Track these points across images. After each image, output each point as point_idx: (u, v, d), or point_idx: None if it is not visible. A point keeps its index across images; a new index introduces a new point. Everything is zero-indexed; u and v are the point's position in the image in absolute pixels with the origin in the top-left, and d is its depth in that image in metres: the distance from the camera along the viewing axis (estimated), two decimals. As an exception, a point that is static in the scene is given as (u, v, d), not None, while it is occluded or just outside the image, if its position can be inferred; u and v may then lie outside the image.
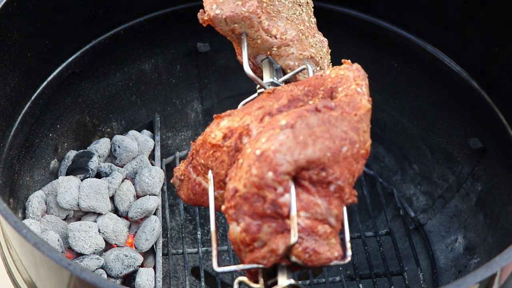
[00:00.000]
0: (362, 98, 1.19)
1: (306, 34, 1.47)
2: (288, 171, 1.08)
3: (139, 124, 2.09)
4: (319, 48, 1.50)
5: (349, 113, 1.14)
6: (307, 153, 1.08)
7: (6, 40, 1.63)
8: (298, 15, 1.49)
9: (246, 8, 1.36)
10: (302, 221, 1.08)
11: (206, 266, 2.03)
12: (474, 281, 1.07)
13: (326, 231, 1.10)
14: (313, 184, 1.09)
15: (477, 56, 1.81)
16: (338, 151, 1.09)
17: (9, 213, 1.17)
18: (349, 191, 1.12)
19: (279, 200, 1.08)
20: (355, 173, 1.12)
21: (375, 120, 2.11)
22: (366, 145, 1.15)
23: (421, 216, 2.00)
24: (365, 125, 1.16)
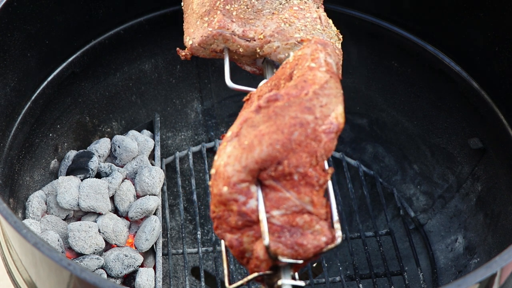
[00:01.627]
0: (315, 73, 1.15)
1: (291, 20, 1.41)
2: (241, 179, 1.07)
3: (139, 124, 2.09)
4: (311, 27, 1.41)
5: (298, 96, 1.11)
6: (255, 155, 1.07)
7: (6, 40, 1.63)
8: (285, 2, 1.45)
9: (213, 27, 1.39)
10: (277, 220, 1.08)
11: (206, 266, 2.03)
12: (474, 281, 1.07)
13: (306, 221, 1.08)
14: (276, 180, 1.08)
15: (477, 56, 1.81)
16: (288, 139, 1.07)
17: (9, 213, 1.17)
18: (317, 173, 1.08)
19: (244, 209, 1.08)
20: (319, 152, 1.08)
21: (375, 120, 2.12)
22: (328, 119, 1.10)
23: (421, 216, 2.00)
24: (324, 99, 1.11)
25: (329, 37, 1.40)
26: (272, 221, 1.08)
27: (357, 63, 2.09)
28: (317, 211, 1.08)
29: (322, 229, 1.08)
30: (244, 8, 1.44)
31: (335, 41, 1.41)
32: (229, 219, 1.10)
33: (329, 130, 1.09)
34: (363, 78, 2.11)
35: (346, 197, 2.07)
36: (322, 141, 1.08)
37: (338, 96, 1.14)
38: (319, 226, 1.08)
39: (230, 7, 1.43)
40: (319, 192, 1.09)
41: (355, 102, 2.14)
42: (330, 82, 1.14)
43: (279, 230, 1.07)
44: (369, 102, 2.12)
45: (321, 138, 1.08)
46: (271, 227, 1.08)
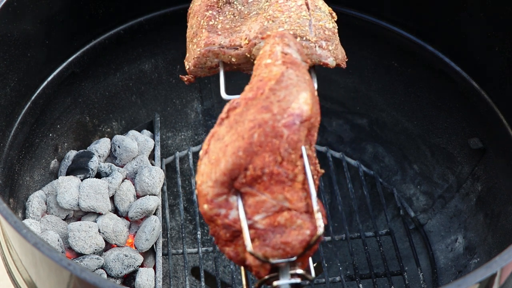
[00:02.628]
0: (271, 68, 1.14)
1: (275, 16, 1.38)
2: (215, 194, 1.08)
3: (139, 124, 2.09)
4: (296, 16, 1.37)
5: (254, 97, 1.11)
6: (221, 167, 1.07)
7: (6, 40, 1.63)
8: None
9: (200, 46, 1.41)
10: (260, 224, 1.08)
11: (206, 266, 2.03)
12: (474, 281, 1.07)
13: (287, 218, 1.08)
14: (250, 186, 1.08)
15: (477, 56, 1.81)
16: (248, 144, 1.06)
17: (9, 213, 1.17)
18: (285, 168, 1.07)
19: (227, 221, 1.09)
20: (282, 148, 1.06)
21: (375, 120, 2.12)
22: (288, 111, 1.08)
23: (421, 216, 2.00)
24: (282, 92, 1.10)
25: (317, 20, 1.36)
26: (256, 226, 1.08)
27: (357, 63, 2.09)
28: (295, 205, 1.08)
29: (304, 222, 1.08)
30: (230, 17, 1.45)
31: (325, 22, 1.37)
32: (220, 234, 1.11)
33: (291, 122, 1.07)
34: (363, 78, 2.11)
35: (346, 197, 2.07)
36: (283, 136, 1.06)
37: (300, 84, 1.12)
38: (300, 221, 1.08)
39: (214, 21, 1.44)
40: (293, 186, 1.08)
41: (355, 102, 2.14)
42: (288, 73, 1.13)
43: (264, 233, 1.08)
44: (369, 102, 2.12)
45: (282, 133, 1.06)
46: (256, 231, 1.08)
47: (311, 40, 1.33)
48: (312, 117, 1.10)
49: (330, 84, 2.15)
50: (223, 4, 1.48)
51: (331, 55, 1.35)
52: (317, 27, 1.36)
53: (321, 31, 1.35)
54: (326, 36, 1.35)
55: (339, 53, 1.39)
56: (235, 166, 1.07)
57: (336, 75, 2.13)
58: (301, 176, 1.08)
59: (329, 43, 1.35)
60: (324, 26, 1.36)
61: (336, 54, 1.37)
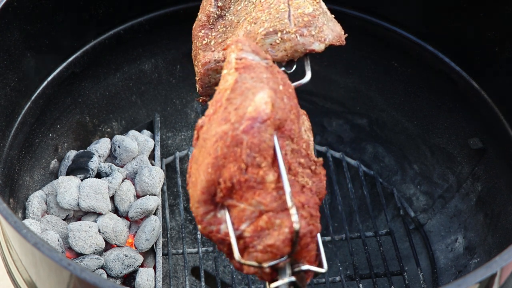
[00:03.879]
0: (226, 78, 1.14)
1: (257, 16, 1.36)
2: (202, 213, 1.11)
3: (139, 124, 2.09)
4: (275, 12, 1.34)
5: (215, 112, 1.11)
6: (199, 188, 1.10)
7: (6, 40, 1.63)
8: (255, 1, 1.42)
9: (199, 67, 1.43)
10: (247, 232, 1.09)
11: (206, 266, 2.03)
12: (474, 281, 1.07)
13: (266, 221, 1.08)
14: (229, 197, 1.10)
15: (477, 56, 1.81)
16: (214, 158, 1.08)
17: (9, 213, 1.17)
18: (251, 173, 1.08)
19: (219, 235, 1.12)
20: (243, 154, 1.06)
21: (375, 120, 2.12)
22: (245, 116, 1.07)
23: (421, 216, 2.00)
24: (238, 99, 1.09)
25: (296, 8, 1.33)
26: (244, 235, 1.10)
27: (357, 63, 2.09)
28: (270, 207, 1.08)
29: (282, 221, 1.08)
30: (222, 30, 1.44)
31: (303, 8, 1.33)
32: (220, 248, 1.14)
33: (249, 127, 1.06)
34: (363, 78, 2.10)
35: (346, 197, 2.07)
36: (243, 142, 1.06)
37: (256, 85, 1.11)
38: (278, 220, 1.08)
39: (207, 39, 1.45)
40: (264, 188, 1.08)
41: (355, 102, 2.14)
42: (241, 78, 1.12)
43: (252, 240, 1.09)
44: (369, 102, 2.12)
45: (242, 139, 1.06)
46: (245, 240, 1.10)
47: (291, 32, 1.30)
48: (275, 112, 1.09)
49: (330, 84, 2.15)
50: (214, 20, 1.48)
51: (315, 39, 1.31)
52: (296, 16, 1.33)
53: (300, 19, 1.32)
54: (306, 22, 1.31)
55: (329, 33, 1.34)
56: (208, 183, 1.09)
57: (336, 75, 2.13)
58: (271, 176, 1.08)
59: (310, 29, 1.31)
60: (303, 13, 1.32)
61: (322, 37, 1.32)
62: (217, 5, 1.48)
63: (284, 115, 1.11)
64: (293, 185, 1.12)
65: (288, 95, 1.15)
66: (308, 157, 1.16)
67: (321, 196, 1.18)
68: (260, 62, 1.16)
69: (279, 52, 1.33)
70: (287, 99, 1.14)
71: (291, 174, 1.13)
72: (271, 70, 1.17)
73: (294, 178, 1.13)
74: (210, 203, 1.11)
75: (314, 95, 2.16)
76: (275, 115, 1.08)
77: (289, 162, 1.13)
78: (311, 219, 1.11)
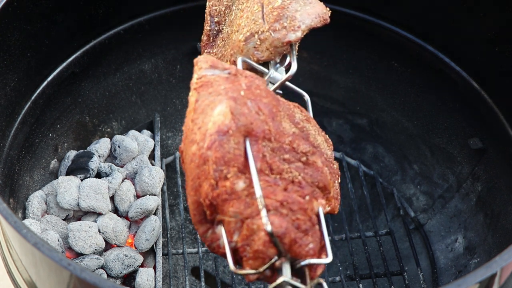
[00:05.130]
0: (190, 100, 1.16)
1: (239, 23, 1.37)
2: (202, 232, 1.17)
3: (139, 124, 2.09)
4: (251, 14, 1.35)
5: (186, 136, 1.15)
6: (190, 210, 1.16)
7: (6, 40, 1.63)
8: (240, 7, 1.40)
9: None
10: (239, 242, 1.12)
11: (206, 266, 2.03)
12: (474, 281, 1.07)
13: (247, 228, 1.10)
14: (216, 213, 1.13)
15: (477, 56, 1.81)
16: (192, 181, 1.12)
17: (9, 213, 1.17)
18: (220, 186, 1.10)
19: (221, 250, 1.15)
20: (211, 170, 1.09)
21: (375, 120, 2.12)
22: (207, 133, 1.10)
23: (421, 216, 2.00)
24: (199, 119, 1.12)
25: (267, 5, 1.33)
26: (238, 246, 1.12)
27: (357, 63, 2.09)
28: (245, 214, 1.10)
29: (258, 225, 1.09)
30: (222, 44, 1.44)
31: (273, 4, 1.31)
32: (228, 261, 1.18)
33: (211, 142, 1.09)
34: (363, 78, 2.11)
35: (346, 197, 2.07)
36: (209, 158, 1.09)
37: (214, 100, 1.12)
38: (255, 225, 1.09)
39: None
40: (237, 198, 1.10)
41: (355, 102, 2.14)
42: (200, 97, 1.14)
43: (244, 249, 1.11)
44: (369, 102, 2.12)
45: (208, 156, 1.09)
46: (239, 250, 1.12)
47: (265, 30, 1.30)
48: (237, 120, 1.10)
49: (330, 84, 2.15)
50: (214, 36, 1.47)
51: (288, 31, 1.29)
52: (267, 13, 1.32)
53: (270, 15, 1.31)
54: (276, 17, 1.30)
55: (304, 18, 1.31)
56: (194, 205, 1.14)
57: (336, 75, 2.13)
58: (242, 184, 1.09)
59: (282, 21, 1.29)
60: (272, 7, 1.31)
61: (294, 25, 1.30)
62: (214, 21, 1.48)
63: (249, 119, 1.11)
64: (275, 184, 1.12)
65: (254, 97, 1.14)
66: (295, 151, 1.16)
67: (321, 184, 1.17)
68: (220, 75, 1.18)
69: (264, 52, 1.32)
70: (252, 102, 1.13)
71: (274, 174, 1.13)
72: (232, 79, 1.17)
73: (279, 176, 1.13)
74: (205, 222, 1.15)
75: (314, 95, 2.16)
76: (237, 122, 1.09)
77: (269, 163, 1.12)
78: (294, 214, 1.10)
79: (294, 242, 1.09)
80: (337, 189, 1.28)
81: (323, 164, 1.19)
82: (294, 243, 1.09)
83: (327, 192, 1.19)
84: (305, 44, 1.92)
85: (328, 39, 2.07)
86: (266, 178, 1.11)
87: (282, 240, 1.08)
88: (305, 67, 2.13)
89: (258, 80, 1.19)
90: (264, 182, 1.11)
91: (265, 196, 1.10)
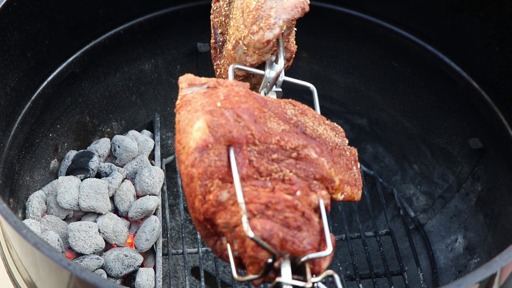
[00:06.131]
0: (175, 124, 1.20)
1: (230, 33, 1.38)
2: (211, 245, 1.19)
3: (139, 124, 2.09)
4: (236, 22, 1.36)
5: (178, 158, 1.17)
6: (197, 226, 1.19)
7: (6, 40, 1.63)
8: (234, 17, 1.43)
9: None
10: (236, 250, 1.14)
11: (206, 266, 2.03)
12: (474, 281, 1.07)
13: (237, 236, 1.12)
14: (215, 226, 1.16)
15: (477, 56, 1.81)
16: (187, 200, 1.16)
17: (9, 213, 1.17)
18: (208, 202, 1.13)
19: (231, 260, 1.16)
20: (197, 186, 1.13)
21: (375, 120, 2.12)
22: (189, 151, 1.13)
23: (421, 216, 2.00)
24: (183, 139, 1.15)
25: (246, 9, 1.33)
26: (239, 252, 1.14)
27: (357, 63, 2.09)
28: (233, 223, 1.11)
29: (244, 231, 1.10)
30: (224, 56, 1.45)
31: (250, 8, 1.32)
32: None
33: (193, 160, 1.11)
34: (363, 78, 2.11)
35: (346, 197, 2.07)
36: (194, 176, 1.12)
37: (192, 118, 1.14)
38: (242, 232, 1.10)
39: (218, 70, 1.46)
40: (224, 208, 1.12)
41: (355, 102, 2.14)
42: (180, 117, 1.17)
43: (243, 256, 1.13)
44: (369, 102, 2.12)
45: (192, 173, 1.12)
46: (240, 257, 1.14)
47: (246, 35, 1.31)
48: (214, 132, 1.11)
49: (330, 84, 2.15)
50: (220, 47, 1.48)
51: (264, 30, 1.29)
52: (245, 18, 1.33)
53: (248, 19, 1.32)
54: (252, 19, 1.31)
55: (280, 13, 1.30)
56: (195, 222, 1.17)
57: (336, 75, 2.13)
58: (226, 194, 1.11)
59: (258, 22, 1.30)
60: (249, 11, 1.32)
61: (269, 24, 1.29)
62: (218, 33, 1.49)
63: (227, 128, 1.12)
64: (263, 186, 1.12)
65: (232, 106, 1.15)
66: (283, 149, 1.15)
67: (318, 175, 1.16)
68: (198, 91, 1.19)
69: (253, 56, 1.34)
70: (230, 110, 1.14)
71: (264, 176, 1.13)
72: (210, 93, 1.18)
73: (270, 177, 1.13)
74: (211, 235, 1.16)
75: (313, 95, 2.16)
76: (214, 134, 1.11)
77: (256, 167, 1.13)
78: (280, 214, 1.10)
79: (284, 241, 1.09)
80: (356, 174, 1.28)
81: (320, 155, 1.18)
82: (285, 242, 1.09)
83: (330, 181, 1.18)
84: (305, 44, 1.93)
85: (328, 39, 2.07)
86: (254, 182, 1.12)
87: (270, 241, 1.08)
88: (305, 67, 2.13)
89: (238, 87, 1.20)
90: (251, 187, 1.12)
91: (250, 201, 1.10)
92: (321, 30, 2.06)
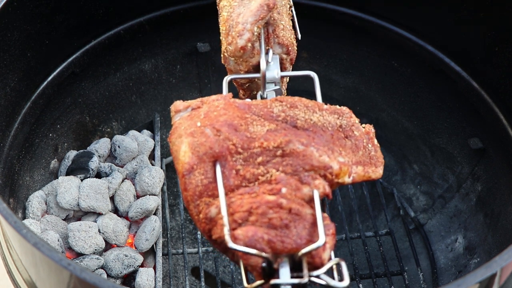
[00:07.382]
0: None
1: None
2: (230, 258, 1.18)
3: (139, 124, 2.09)
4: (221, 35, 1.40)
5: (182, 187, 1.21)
6: None
7: (6, 40, 1.63)
8: None
9: None
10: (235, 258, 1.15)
11: (206, 266, 2.03)
12: (474, 281, 1.07)
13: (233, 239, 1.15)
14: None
15: (477, 56, 1.81)
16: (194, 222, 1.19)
17: (9, 213, 1.17)
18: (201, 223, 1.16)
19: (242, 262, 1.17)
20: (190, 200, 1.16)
21: (375, 120, 2.12)
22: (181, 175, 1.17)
23: (421, 216, 2.00)
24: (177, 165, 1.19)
25: (222, 20, 1.36)
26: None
27: (357, 63, 2.09)
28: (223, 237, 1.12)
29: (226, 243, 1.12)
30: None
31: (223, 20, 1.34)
32: None
33: (183, 183, 1.16)
34: (363, 78, 2.11)
35: (346, 197, 2.07)
36: (187, 198, 1.16)
37: (179, 143, 1.18)
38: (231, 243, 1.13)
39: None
40: (215, 223, 1.13)
41: (355, 102, 2.14)
42: (172, 144, 1.20)
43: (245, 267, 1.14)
44: (369, 102, 2.12)
45: (186, 197, 1.16)
46: None
47: (225, 47, 1.33)
48: (196, 152, 1.15)
49: (330, 84, 2.15)
50: None
51: (236, 38, 1.31)
52: (221, 30, 1.37)
53: (223, 32, 1.35)
54: (226, 30, 1.33)
55: (247, 18, 1.30)
56: (208, 240, 1.19)
57: (336, 75, 2.13)
58: (214, 209, 1.13)
59: (230, 32, 1.32)
60: (223, 23, 1.35)
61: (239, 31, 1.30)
62: None
63: (208, 145, 1.15)
64: (249, 193, 1.13)
65: (211, 122, 1.18)
66: (267, 150, 1.16)
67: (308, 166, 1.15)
68: (183, 116, 1.23)
69: (242, 64, 1.36)
70: (209, 127, 1.17)
71: (252, 182, 1.14)
72: (192, 114, 1.22)
73: (258, 182, 1.14)
74: (223, 250, 1.17)
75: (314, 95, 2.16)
76: (197, 154, 1.15)
77: (242, 175, 1.14)
78: (263, 217, 1.10)
79: (272, 242, 1.08)
80: (372, 151, 1.27)
81: (307, 145, 1.17)
82: (274, 243, 1.08)
83: (325, 168, 1.15)
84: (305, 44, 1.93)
85: (328, 39, 2.07)
86: (242, 191, 1.13)
87: (256, 246, 1.07)
88: (305, 67, 2.13)
89: (218, 101, 1.23)
90: (238, 196, 1.13)
91: (234, 212, 1.11)
92: (321, 30, 2.06)
